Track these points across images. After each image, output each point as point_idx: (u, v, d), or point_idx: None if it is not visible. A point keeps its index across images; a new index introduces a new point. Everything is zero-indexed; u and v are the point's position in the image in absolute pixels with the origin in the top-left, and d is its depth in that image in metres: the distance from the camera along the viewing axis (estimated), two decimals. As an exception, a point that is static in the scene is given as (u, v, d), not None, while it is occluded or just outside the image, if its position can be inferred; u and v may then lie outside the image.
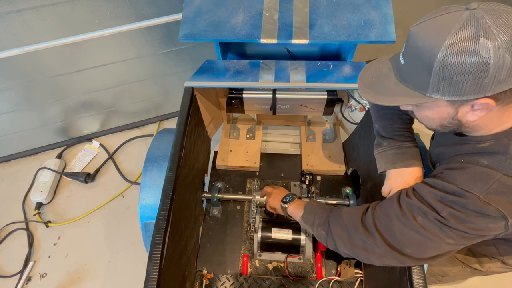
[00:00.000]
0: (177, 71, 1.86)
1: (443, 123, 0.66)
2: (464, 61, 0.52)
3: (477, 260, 1.00)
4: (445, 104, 0.60)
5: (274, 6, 1.13)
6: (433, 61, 0.55)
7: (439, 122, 0.66)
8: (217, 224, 1.25)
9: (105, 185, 1.89)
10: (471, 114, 0.61)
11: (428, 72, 0.56)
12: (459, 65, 0.53)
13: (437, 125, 0.67)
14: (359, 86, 0.70)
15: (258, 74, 1.12)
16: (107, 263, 1.61)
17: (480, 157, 0.64)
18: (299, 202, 0.97)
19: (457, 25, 0.53)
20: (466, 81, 0.54)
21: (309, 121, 1.54)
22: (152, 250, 0.78)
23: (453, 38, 0.52)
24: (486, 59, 0.51)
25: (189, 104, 1.06)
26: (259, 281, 1.10)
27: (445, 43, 0.53)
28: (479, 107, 0.58)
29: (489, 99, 0.56)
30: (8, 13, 1.29)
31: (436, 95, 0.58)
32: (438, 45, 0.54)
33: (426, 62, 0.56)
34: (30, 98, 1.70)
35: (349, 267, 1.08)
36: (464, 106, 0.60)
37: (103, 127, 2.08)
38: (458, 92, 0.56)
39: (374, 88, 0.68)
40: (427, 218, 0.64)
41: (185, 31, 1.11)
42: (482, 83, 0.53)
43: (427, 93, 0.59)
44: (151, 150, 1.19)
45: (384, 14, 1.09)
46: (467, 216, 0.61)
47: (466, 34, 0.52)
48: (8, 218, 1.76)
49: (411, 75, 0.61)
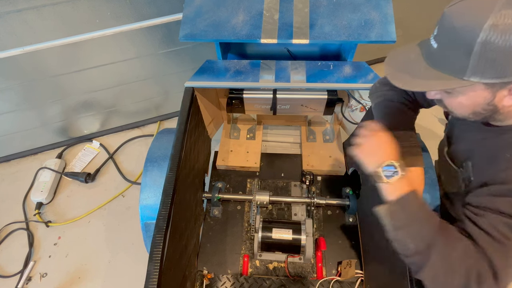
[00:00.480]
0: (177, 71, 1.86)
1: (476, 109, 0.62)
2: (509, 40, 0.50)
3: None
4: (482, 88, 0.58)
5: (274, 6, 1.13)
6: (474, 41, 0.52)
7: (473, 109, 0.62)
8: (217, 224, 1.25)
9: (105, 185, 1.89)
10: (508, 98, 0.58)
11: (467, 54, 0.54)
12: (504, 44, 0.51)
13: (470, 112, 0.64)
14: (386, 72, 0.65)
15: (258, 74, 1.12)
16: (107, 263, 1.61)
17: None
18: (407, 185, 0.65)
19: (499, 2, 0.51)
20: (507, 60, 0.52)
21: (309, 121, 1.54)
22: (152, 250, 0.78)
23: (497, 16, 0.50)
24: None
25: (190, 104, 1.06)
26: (259, 281, 1.10)
27: (488, 22, 0.50)
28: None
29: None
30: (9, 13, 1.29)
31: (475, 78, 0.55)
32: (480, 24, 0.51)
33: (466, 43, 0.53)
34: (30, 98, 1.70)
35: (350, 267, 1.08)
36: (502, 90, 0.57)
37: (103, 127, 2.08)
38: (500, 73, 0.53)
39: (403, 74, 0.63)
40: None
41: (186, 31, 1.11)
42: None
43: (465, 76, 0.56)
44: (152, 150, 1.19)
45: (385, 14, 1.09)
46: None
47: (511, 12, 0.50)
48: (8, 218, 1.76)
49: (445, 58, 0.58)
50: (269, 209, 1.28)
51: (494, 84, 0.56)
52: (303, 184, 1.33)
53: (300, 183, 1.35)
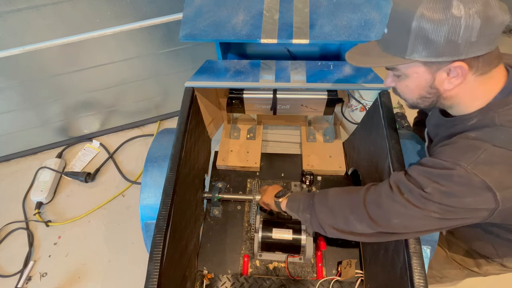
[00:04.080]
0: (177, 71, 1.86)
1: (422, 93, 0.69)
2: (438, 18, 0.56)
3: (475, 263, 0.99)
4: (423, 70, 0.64)
5: (274, 6, 1.13)
6: (411, 21, 0.59)
7: (418, 92, 0.69)
8: (217, 224, 1.25)
9: (105, 185, 1.89)
10: (447, 83, 0.64)
11: (407, 34, 0.61)
12: (434, 22, 0.57)
13: (417, 96, 0.71)
14: (346, 55, 0.75)
15: (258, 74, 1.12)
16: (107, 262, 1.61)
17: (469, 132, 0.66)
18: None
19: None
20: (440, 39, 0.58)
21: (309, 121, 1.54)
22: (152, 250, 0.79)
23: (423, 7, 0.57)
24: (457, 18, 0.55)
25: (190, 104, 1.06)
26: (259, 281, 1.10)
27: (422, 4, 0.58)
28: (455, 74, 0.62)
29: (462, 63, 0.60)
30: (9, 12, 1.29)
31: (414, 56, 0.62)
32: (415, 4, 0.58)
33: (405, 24, 0.60)
34: (30, 97, 1.70)
35: (350, 267, 1.08)
36: (440, 72, 0.63)
37: (103, 127, 2.08)
38: (434, 52, 0.60)
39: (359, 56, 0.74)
40: (412, 194, 0.66)
41: (186, 31, 1.11)
42: (455, 43, 0.57)
43: (406, 55, 0.63)
44: (152, 150, 1.19)
45: (385, 14, 1.09)
46: (451, 190, 0.61)
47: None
48: (8, 218, 1.76)
49: (392, 41, 0.66)
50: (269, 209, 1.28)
51: (432, 64, 0.63)
52: (303, 184, 1.33)
53: (300, 183, 1.35)
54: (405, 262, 0.76)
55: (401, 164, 0.87)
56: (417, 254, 0.75)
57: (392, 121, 0.97)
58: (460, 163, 0.60)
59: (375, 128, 1.06)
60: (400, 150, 0.90)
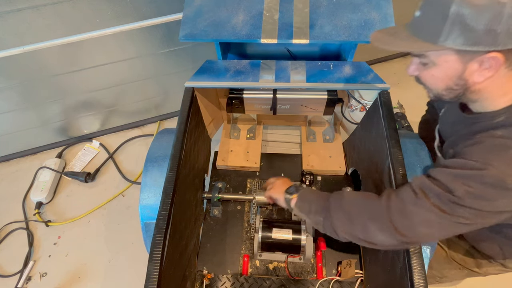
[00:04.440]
0: (177, 71, 1.86)
1: (449, 84, 0.65)
2: (481, 3, 0.52)
3: (475, 262, 0.99)
4: (454, 59, 0.60)
5: (274, 6, 1.13)
6: (450, 4, 0.55)
7: (445, 83, 0.65)
8: (217, 224, 1.25)
9: (105, 185, 1.89)
10: (478, 75, 0.60)
11: (443, 19, 0.56)
12: (475, 8, 0.53)
13: (443, 87, 0.66)
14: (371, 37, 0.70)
15: (258, 74, 1.12)
16: (107, 262, 1.61)
17: (495, 130, 0.62)
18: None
19: None
20: (480, 26, 0.53)
21: (309, 121, 1.54)
22: (152, 250, 0.79)
23: None
24: (502, 5, 0.51)
25: (190, 104, 1.06)
26: (259, 281, 1.10)
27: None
28: (487, 66, 0.58)
29: (498, 54, 0.55)
30: (9, 12, 1.29)
31: (447, 43, 0.58)
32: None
33: (443, 7, 0.56)
34: (30, 97, 1.70)
35: (350, 267, 1.08)
36: (472, 62, 0.59)
37: (103, 127, 2.08)
38: (471, 40, 0.55)
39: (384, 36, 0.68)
40: (440, 199, 0.61)
41: (186, 31, 1.11)
42: (495, 32, 0.53)
43: (439, 41, 0.58)
44: (152, 150, 1.19)
45: (385, 14, 1.09)
46: (483, 192, 0.57)
47: None
48: (8, 218, 1.76)
49: (424, 24, 0.61)
50: (269, 209, 1.28)
51: (465, 53, 0.58)
52: (303, 184, 1.33)
53: (300, 183, 1.35)
54: (405, 262, 0.76)
55: (401, 164, 0.87)
56: (417, 254, 0.74)
57: (392, 121, 0.97)
58: (492, 163, 0.57)
59: (375, 128, 1.06)
60: (400, 150, 0.90)
